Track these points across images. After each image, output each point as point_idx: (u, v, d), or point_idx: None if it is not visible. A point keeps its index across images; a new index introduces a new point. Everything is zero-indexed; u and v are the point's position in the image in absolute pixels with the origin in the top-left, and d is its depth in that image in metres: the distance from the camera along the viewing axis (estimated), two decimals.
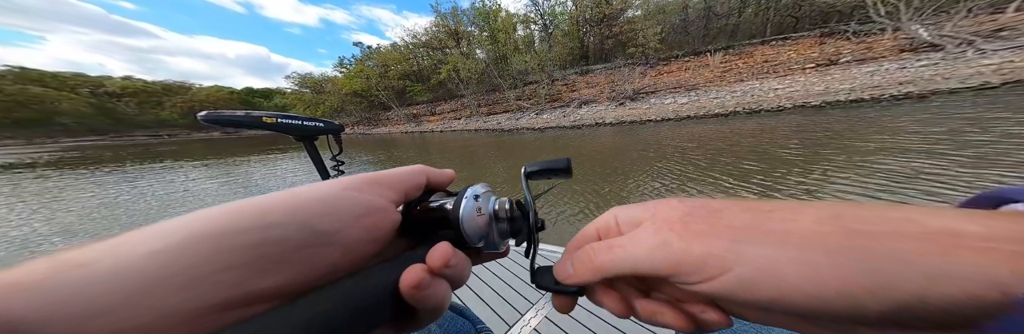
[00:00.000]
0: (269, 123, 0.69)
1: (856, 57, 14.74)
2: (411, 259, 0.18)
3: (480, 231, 0.21)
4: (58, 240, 4.57)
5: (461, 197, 0.21)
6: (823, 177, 4.51)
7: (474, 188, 0.22)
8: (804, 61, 16.10)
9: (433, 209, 0.22)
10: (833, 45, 16.24)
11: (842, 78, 13.80)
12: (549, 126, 19.97)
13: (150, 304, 0.11)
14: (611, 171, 6.50)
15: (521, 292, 1.48)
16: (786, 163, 5.60)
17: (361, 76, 38.84)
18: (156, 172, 11.37)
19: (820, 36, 17.01)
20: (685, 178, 5.50)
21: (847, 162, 5.08)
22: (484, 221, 0.22)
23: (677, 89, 19.14)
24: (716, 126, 11.80)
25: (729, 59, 19.04)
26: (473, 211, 0.21)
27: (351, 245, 0.17)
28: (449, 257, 0.17)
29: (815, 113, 11.68)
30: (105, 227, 5.11)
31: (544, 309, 1.34)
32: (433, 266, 0.17)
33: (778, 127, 9.60)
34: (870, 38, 15.53)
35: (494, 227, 0.23)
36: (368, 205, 0.18)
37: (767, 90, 15.20)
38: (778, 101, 13.76)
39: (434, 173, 0.24)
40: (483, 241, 0.22)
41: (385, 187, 0.20)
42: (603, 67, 23.81)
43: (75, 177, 10.93)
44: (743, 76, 17.51)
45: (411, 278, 0.16)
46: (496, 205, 0.23)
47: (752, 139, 8.38)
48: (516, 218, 0.23)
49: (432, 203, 0.23)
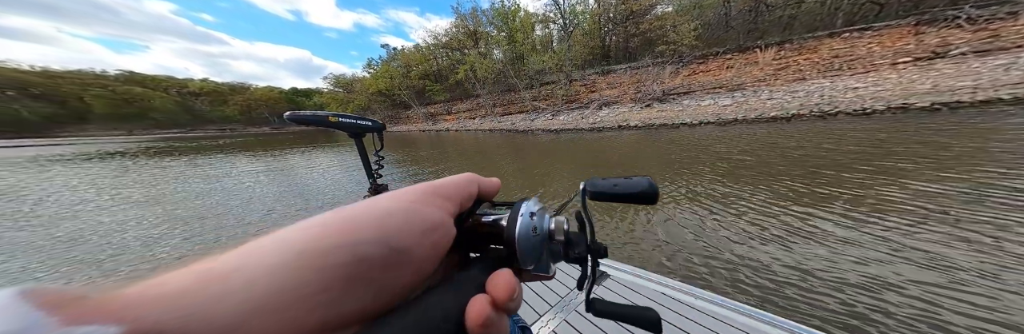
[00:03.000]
0: (332, 122, 0.83)
1: (975, 48, 10.70)
2: (470, 283, 0.16)
3: (535, 252, 0.19)
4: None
5: (516, 213, 0.18)
6: None
7: (527, 204, 0.20)
8: (893, 54, 12.18)
9: (485, 224, 0.20)
10: (935, 34, 12.15)
11: (957, 74, 9.91)
12: (566, 128, 17.43)
13: (265, 323, 0.11)
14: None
15: (541, 295, 1.42)
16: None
17: (386, 76, 38.42)
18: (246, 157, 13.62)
19: (915, 25, 12.92)
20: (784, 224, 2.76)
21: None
22: (538, 241, 0.19)
23: (717, 89, 15.72)
24: (774, 130, 8.66)
25: (785, 55, 15.32)
26: (529, 230, 0.18)
27: (419, 264, 0.15)
28: (515, 289, 0.15)
29: (926, 115, 8.15)
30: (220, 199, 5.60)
31: (562, 312, 1.31)
32: (499, 299, 0.15)
33: (886, 133, 6.34)
34: (994, 24, 11.34)
35: (547, 248, 0.20)
36: (432, 220, 0.16)
37: (842, 89, 11.55)
38: (861, 102, 10.16)
39: (484, 183, 0.21)
40: (535, 263, 0.19)
41: (443, 198, 0.18)
42: (627, 66, 20.74)
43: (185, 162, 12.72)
44: (805, 74, 13.80)
45: (479, 315, 0.14)
46: (552, 224, 0.20)
47: (854, 148, 5.34)
48: (572, 241, 0.20)
49: (484, 217, 0.20)
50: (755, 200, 3.55)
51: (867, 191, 3.44)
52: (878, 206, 3.02)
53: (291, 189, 6.49)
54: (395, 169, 8.52)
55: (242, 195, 6.02)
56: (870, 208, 2.99)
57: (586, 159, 7.67)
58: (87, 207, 5.55)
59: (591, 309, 0.19)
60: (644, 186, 0.18)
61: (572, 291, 1.47)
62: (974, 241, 2.29)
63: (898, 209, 2.91)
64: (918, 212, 2.81)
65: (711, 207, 3.46)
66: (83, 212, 5.20)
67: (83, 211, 5.27)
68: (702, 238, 2.73)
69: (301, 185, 6.88)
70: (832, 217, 2.89)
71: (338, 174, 8.14)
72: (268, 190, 6.42)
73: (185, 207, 5.25)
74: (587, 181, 0.19)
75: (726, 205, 3.48)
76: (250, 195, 6.00)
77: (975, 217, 2.62)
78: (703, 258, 2.41)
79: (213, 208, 5.10)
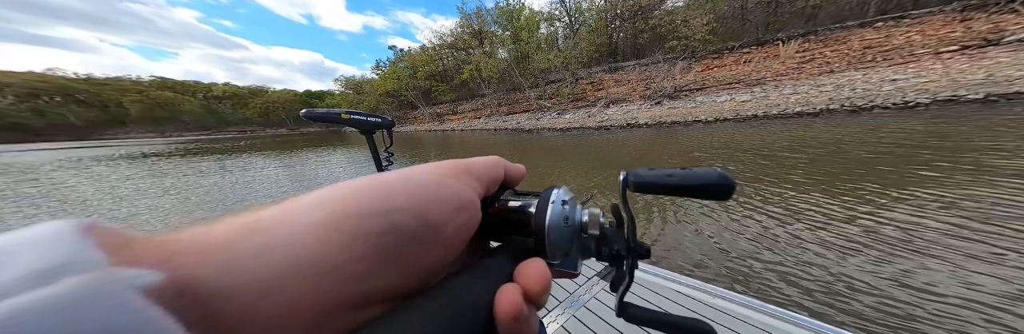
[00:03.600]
0: (346, 119, 0.87)
1: None
2: (498, 271, 0.14)
3: (564, 245, 0.17)
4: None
5: (546, 201, 0.17)
6: None
7: (558, 192, 0.17)
8: (937, 44, 10.90)
9: (512, 210, 0.18)
10: (985, 20, 10.82)
11: (1015, 62, 8.67)
12: (572, 127, 16.68)
13: (301, 289, 0.10)
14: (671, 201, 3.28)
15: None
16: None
17: (393, 77, 38.55)
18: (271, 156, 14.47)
19: (961, 11, 11.59)
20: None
21: None
22: (569, 233, 0.17)
23: (734, 85, 14.64)
24: (799, 128, 7.69)
25: (809, 47, 14.13)
26: (560, 220, 0.16)
27: (448, 243, 0.14)
28: (548, 281, 0.14)
29: (985, 108, 7.02)
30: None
31: (571, 308, 1.27)
32: (532, 290, 0.13)
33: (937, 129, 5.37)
34: None
35: (577, 242, 0.18)
36: (464, 198, 0.15)
37: (877, 82, 10.39)
38: (901, 95, 9.04)
39: (511, 167, 0.20)
40: (563, 257, 0.17)
41: (473, 177, 0.17)
42: (635, 63, 19.80)
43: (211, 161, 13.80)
44: (833, 66, 12.61)
45: (510, 307, 0.13)
46: (586, 216, 0.18)
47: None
48: (608, 235, 0.18)
49: (509, 202, 0.18)
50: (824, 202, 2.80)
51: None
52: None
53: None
54: (402, 165, 8.35)
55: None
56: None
57: (596, 163, 6.91)
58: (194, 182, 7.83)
59: (623, 314, 0.17)
60: (714, 177, 0.14)
61: (581, 287, 1.37)
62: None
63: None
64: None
65: (771, 212, 2.74)
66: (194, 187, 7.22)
67: (194, 185, 7.51)
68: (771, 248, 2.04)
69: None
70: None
71: (349, 169, 9.15)
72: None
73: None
74: (630, 170, 0.15)
75: (785, 208, 2.75)
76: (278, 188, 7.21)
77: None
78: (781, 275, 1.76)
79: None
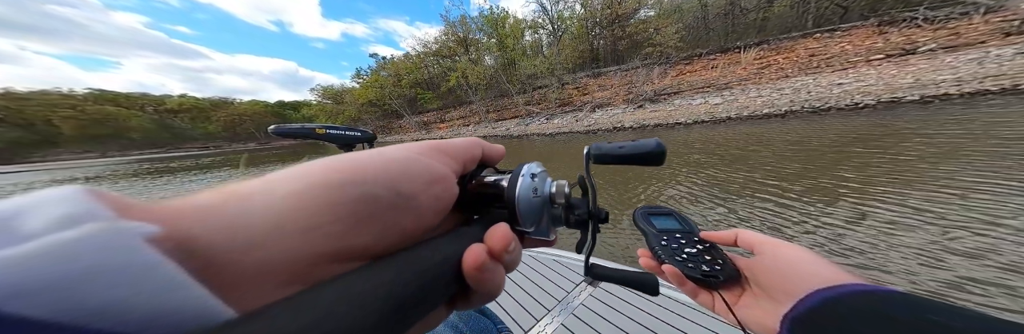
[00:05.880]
0: (320, 134, 0.76)
1: (942, 44, 11.18)
2: (469, 236, 0.16)
3: (534, 214, 0.18)
4: None
5: (517, 174, 0.18)
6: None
7: (529, 166, 0.19)
8: (866, 53, 12.61)
9: (487, 185, 0.19)
10: (899, 33, 12.70)
11: (933, 68, 10.27)
12: (561, 131, 17.10)
13: (282, 244, 0.11)
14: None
15: (538, 298, 1.36)
16: None
17: (375, 86, 37.05)
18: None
19: (878, 25, 13.49)
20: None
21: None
22: (539, 203, 0.19)
23: (705, 89, 15.85)
24: (772, 127, 8.58)
25: (765, 55, 15.68)
26: (529, 191, 0.18)
27: (421, 211, 0.15)
28: (510, 240, 0.15)
29: (920, 109, 8.27)
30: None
31: (560, 316, 1.26)
32: (494, 248, 0.15)
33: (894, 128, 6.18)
34: (951, 24, 11.95)
35: (548, 211, 0.20)
36: (436, 172, 0.17)
37: (827, 86, 11.79)
38: (850, 97, 10.35)
39: (488, 147, 0.21)
40: (535, 225, 0.19)
41: (447, 156, 0.18)
42: (617, 68, 20.79)
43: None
44: (787, 72, 14.10)
45: (474, 259, 0.14)
46: (553, 187, 0.20)
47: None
48: (574, 204, 0.20)
49: (486, 178, 0.20)
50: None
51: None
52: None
53: None
54: None
55: None
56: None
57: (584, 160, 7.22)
58: None
59: (590, 273, 0.20)
60: (652, 146, 0.18)
61: (569, 293, 1.41)
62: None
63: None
64: None
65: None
66: None
67: None
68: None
69: None
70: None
71: None
72: None
73: None
74: (592, 145, 0.19)
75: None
76: None
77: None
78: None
79: None
